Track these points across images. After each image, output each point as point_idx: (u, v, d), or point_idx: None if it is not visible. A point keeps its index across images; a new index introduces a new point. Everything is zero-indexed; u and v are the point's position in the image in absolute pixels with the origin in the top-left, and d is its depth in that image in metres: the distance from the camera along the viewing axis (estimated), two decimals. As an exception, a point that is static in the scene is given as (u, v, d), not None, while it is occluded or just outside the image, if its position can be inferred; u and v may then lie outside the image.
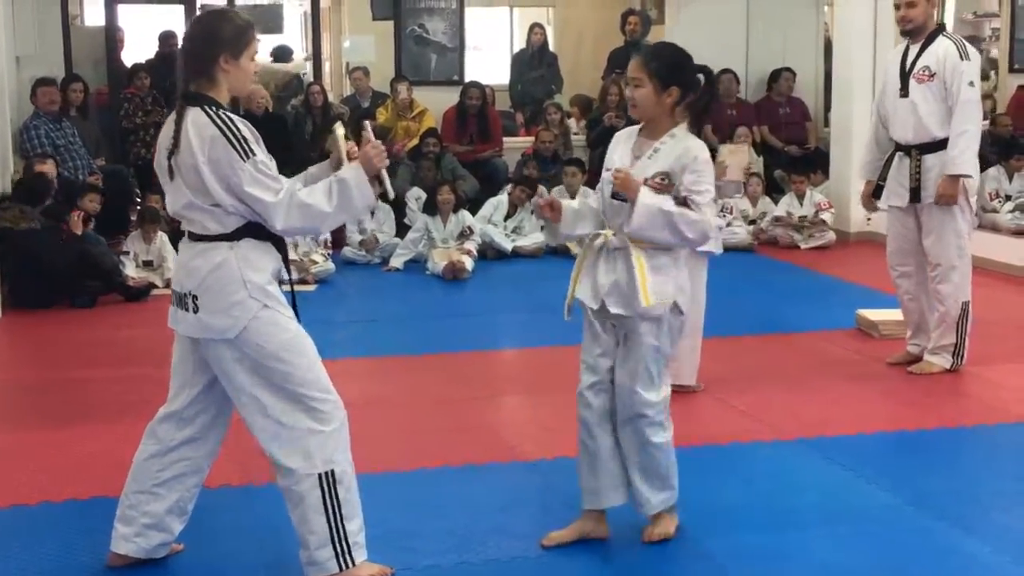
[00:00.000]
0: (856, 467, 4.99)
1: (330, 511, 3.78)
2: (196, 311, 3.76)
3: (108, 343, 7.33)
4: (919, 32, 6.29)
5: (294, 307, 3.93)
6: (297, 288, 4.13)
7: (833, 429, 5.48)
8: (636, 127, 4.24)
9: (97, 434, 5.53)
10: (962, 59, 6.17)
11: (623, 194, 4.04)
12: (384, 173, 3.87)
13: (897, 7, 6.34)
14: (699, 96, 4.19)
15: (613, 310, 4.11)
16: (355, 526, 3.84)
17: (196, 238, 3.79)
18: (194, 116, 3.69)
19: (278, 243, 3.86)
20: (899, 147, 6.39)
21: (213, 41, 3.76)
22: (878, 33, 10.51)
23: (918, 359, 6.49)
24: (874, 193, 6.59)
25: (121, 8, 12.30)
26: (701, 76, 4.21)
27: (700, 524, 4.35)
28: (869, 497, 4.69)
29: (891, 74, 6.44)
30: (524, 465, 5.08)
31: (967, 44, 6.30)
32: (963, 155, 6.14)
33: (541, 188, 9.86)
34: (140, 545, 3.99)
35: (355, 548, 3.83)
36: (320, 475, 3.77)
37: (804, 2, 12.67)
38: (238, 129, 3.66)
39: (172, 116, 3.78)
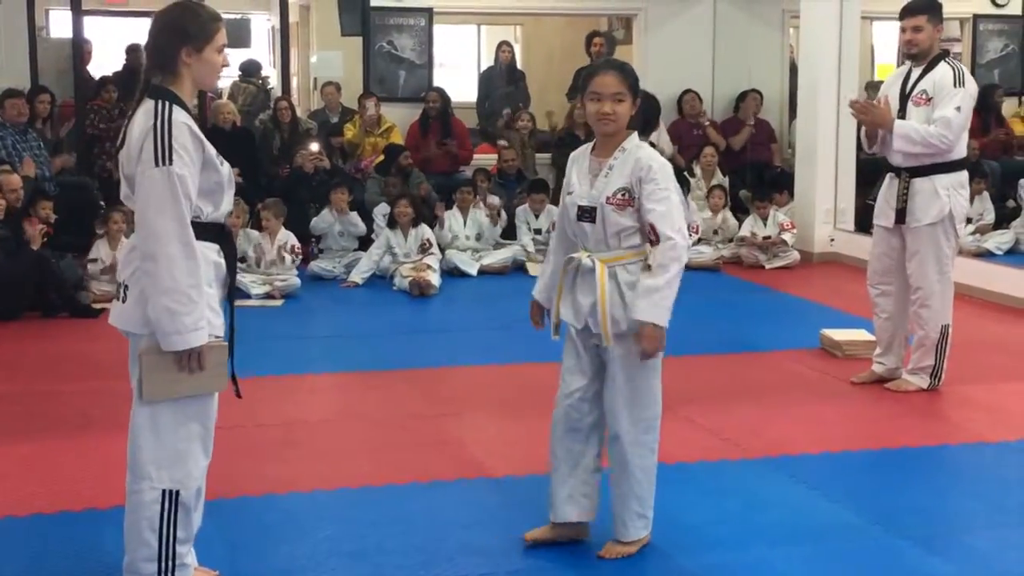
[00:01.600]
0: (821, 486, 5.01)
1: (164, 528, 3.71)
2: (124, 300, 3.70)
3: (73, 355, 7.27)
4: (923, 56, 6.33)
5: (232, 318, 3.84)
6: (264, 303, 4.17)
7: (798, 448, 5.50)
8: (588, 146, 4.26)
9: (61, 447, 5.49)
10: (955, 85, 6.19)
11: (589, 216, 4.10)
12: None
13: (903, 30, 6.39)
14: (643, 103, 4.23)
15: (596, 329, 4.13)
16: (185, 548, 3.79)
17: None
18: (145, 107, 3.63)
19: (225, 245, 3.78)
20: (890, 168, 6.42)
21: (175, 33, 3.70)
22: (843, 55, 10.60)
23: (883, 378, 6.55)
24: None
25: (87, 20, 12.23)
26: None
27: (669, 541, 4.35)
28: (834, 516, 4.70)
29: (891, 95, 6.44)
30: (492, 481, 5.08)
31: (966, 73, 6.29)
32: (912, 136, 6.16)
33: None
34: None
35: (179, 569, 3.77)
36: (165, 491, 3.70)
37: (769, 24, 12.76)
38: (170, 129, 3.55)
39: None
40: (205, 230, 3.67)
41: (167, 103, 3.61)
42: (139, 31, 14.47)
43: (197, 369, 3.60)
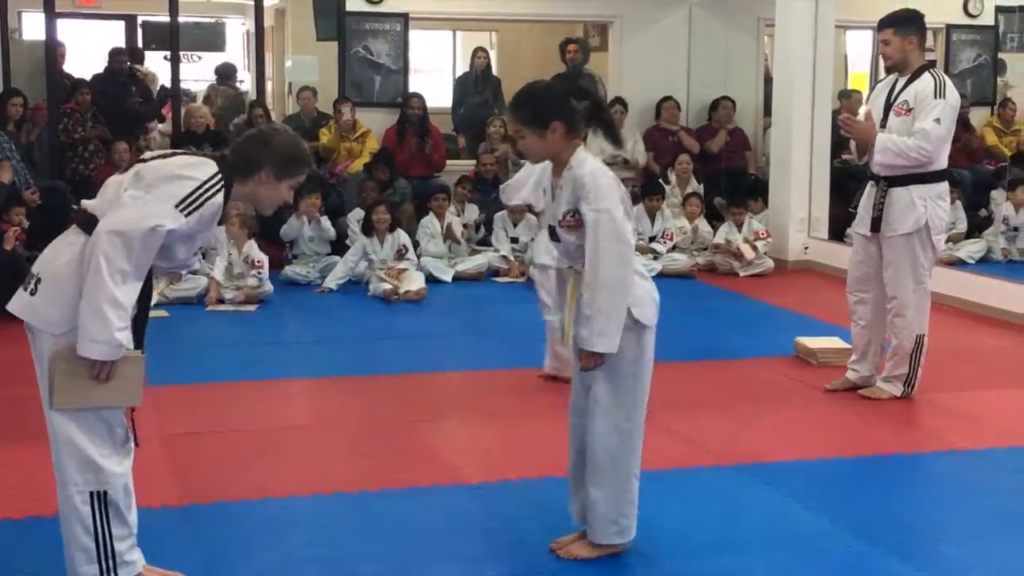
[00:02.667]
0: (796, 493, 5.02)
1: (98, 528, 3.72)
2: (33, 294, 3.69)
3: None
4: (902, 68, 6.37)
5: (143, 332, 3.81)
6: (238, 308, 4.16)
7: (773, 455, 5.52)
8: (549, 164, 4.25)
9: (38, 451, 5.44)
10: (936, 96, 6.21)
11: (554, 236, 4.15)
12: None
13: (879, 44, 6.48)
14: (590, 113, 4.20)
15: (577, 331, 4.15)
16: (124, 545, 3.78)
17: (83, 223, 3.71)
18: (204, 163, 3.73)
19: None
20: (871, 176, 6.45)
21: (266, 151, 3.81)
22: (817, 64, 10.65)
23: (856, 385, 6.58)
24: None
25: (60, 23, 12.17)
26: (578, 95, 4.21)
27: (646, 547, 4.35)
28: (808, 523, 4.71)
29: (876, 105, 6.48)
30: (466, 488, 5.07)
31: (948, 84, 6.30)
32: (892, 149, 6.20)
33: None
34: None
35: (121, 567, 3.78)
36: (92, 493, 3.70)
37: (744, 33, 12.81)
38: (208, 198, 3.65)
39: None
40: None
41: (222, 181, 3.70)
42: (112, 34, 14.47)
43: (107, 380, 3.60)
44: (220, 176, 3.70)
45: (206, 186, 3.66)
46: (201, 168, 3.70)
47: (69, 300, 3.61)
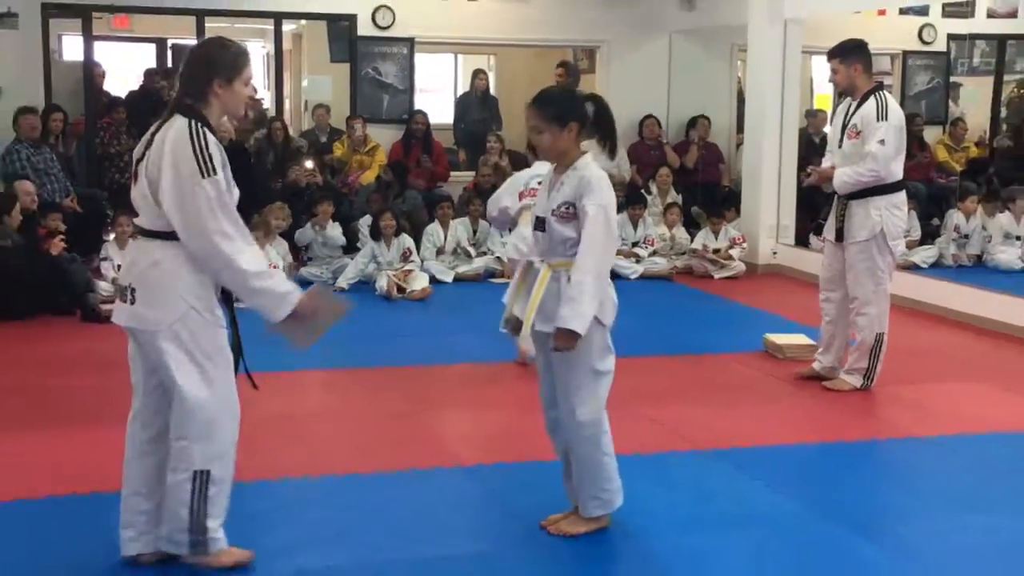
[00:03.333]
0: (764, 477, 5.02)
1: (195, 505, 3.76)
2: (132, 302, 3.71)
3: (83, 353, 7.22)
4: (852, 92, 6.45)
5: (234, 318, 3.88)
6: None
7: (744, 442, 5.51)
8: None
9: (72, 437, 5.45)
10: (879, 119, 6.26)
11: (541, 226, 4.15)
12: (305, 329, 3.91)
13: None
14: (596, 120, 4.21)
15: (538, 327, 4.14)
16: (215, 523, 3.82)
17: (143, 233, 3.75)
18: (178, 124, 3.68)
19: None
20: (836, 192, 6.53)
21: (209, 65, 3.77)
22: (785, 86, 10.66)
23: (820, 375, 6.62)
24: (815, 230, 6.76)
25: (97, 44, 12.15)
26: (590, 104, 4.22)
27: (626, 526, 4.36)
28: (775, 504, 4.71)
29: (836, 127, 6.60)
30: (465, 470, 5.07)
31: (890, 105, 6.34)
32: (848, 180, 6.30)
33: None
34: (147, 541, 3.91)
35: (211, 542, 3.82)
36: (196, 472, 3.75)
37: (719, 57, 12.82)
38: (206, 146, 3.64)
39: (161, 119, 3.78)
40: None
41: (200, 124, 3.68)
42: (145, 55, 14.45)
43: (313, 316, 3.82)
44: (191, 122, 3.67)
45: (195, 140, 3.63)
46: (179, 134, 3.64)
47: (164, 299, 3.67)
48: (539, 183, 5.74)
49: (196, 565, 3.86)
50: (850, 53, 6.43)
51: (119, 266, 8.84)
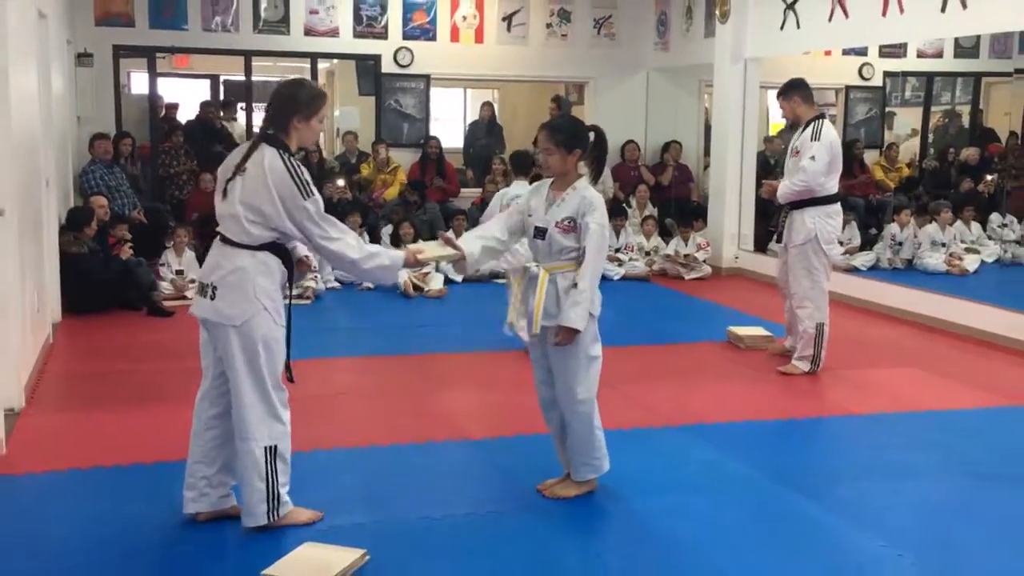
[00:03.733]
0: (726, 448, 5.03)
1: (268, 476, 3.78)
2: (213, 299, 3.71)
3: (147, 343, 7.23)
4: (796, 122, 6.63)
5: (289, 317, 3.89)
6: (296, 302, 4.16)
7: (709, 418, 5.52)
8: (548, 180, 4.25)
9: (143, 414, 5.46)
10: (811, 140, 6.37)
11: (541, 235, 4.13)
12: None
13: None
14: (594, 149, 4.21)
15: (542, 323, 4.13)
16: (284, 489, 3.85)
17: (227, 242, 3.75)
18: (270, 154, 3.70)
19: (285, 260, 3.82)
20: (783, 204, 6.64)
21: (291, 104, 3.78)
22: (745, 116, 10.65)
23: (788, 352, 6.73)
24: (778, 237, 6.86)
25: (160, 80, 12.15)
26: (592, 134, 4.22)
27: (611, 488, 4.37)
28: (736, 471, 4.72)
29: (788, 151, 6.76)
30: (471, 442, 5.07)
31: (824, 130, 6.39)
32: (785, 191, 6.46)
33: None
34: (207, 502, 3.92)
35: (282, 505, 3.84)
36: (266, 447, 3.76)
37: (689, 91, 12.81)
38: (300, 173, 3.70)
39: (246, 145, 3.78)
40: (279, 246, 3.77)
41: (289, 154, 3.73)
42: (201, 89, 14.43)
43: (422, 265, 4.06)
44: (281, 152, 3.71)
45: (291, 170, 3.69)
46: (274, 160, 3.68)
47: (242, 299, 3.69)
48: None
49: (269, 527, 3.85)
50: (789, 90, 6.57)
51: (177, 270, 8.87)
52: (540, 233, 4.17)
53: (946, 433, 5.37)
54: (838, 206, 6.54)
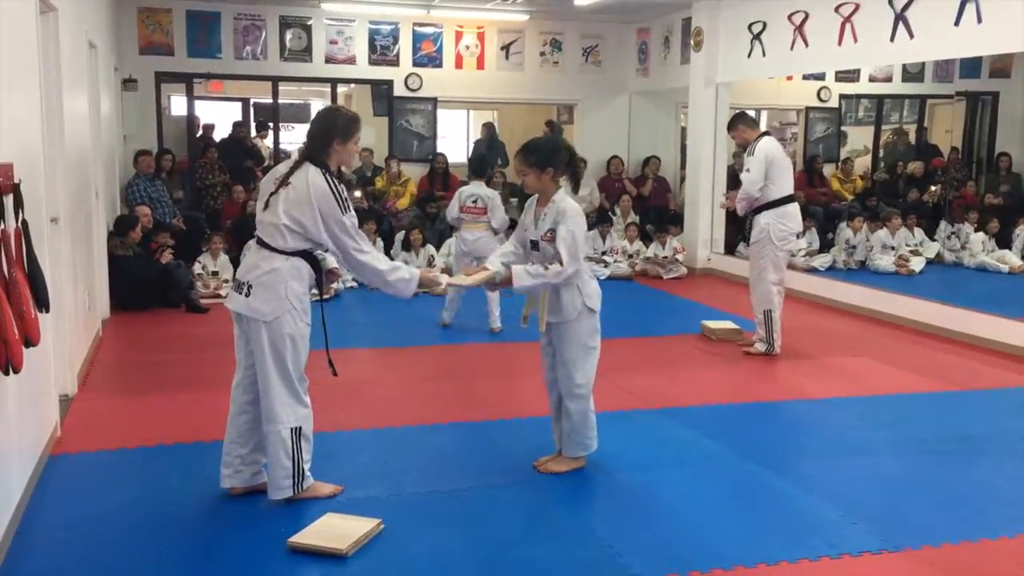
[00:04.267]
0: (701, 428, 5.03)
1: (294, 454, 3.78)
2: (248, 295, 3.71)
3: (186, 336, 7.22)
4: (745, 144, 6.73)
5: (323, 320, 3.90)
6: (320, 300, 4.17)
7: (686, 402, 5.53)
8: (536, 197, 4.24)
9: (182, 398, 5.46)
10: (747, 155, 6.60)
11: (535, 246, 4.14)
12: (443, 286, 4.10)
13: None
14: (568, 165, 4.17)
15: (549, 318, 4.15)
16: (308, 466, 3.86)
17: (264, 246, 3.75)
18: (313, 173, 3.70)
19: (315, 265, 3.82)
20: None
21: (331, 128, 3.78)
22: (717, 134, 10.64)
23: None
24: (746, 241, 7.03)
25: (198, 103, 12.14)
26: (566, 153, 4.17)
27: (599, 464, 4.38)
28: (709, 449, 4.72)
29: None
30: (477, 424, 5.08)
31: (758, 146, 6.55)
32: (737, 203, 6.68)
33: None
34: (240, 478, 3.92)
35: (305, 479, 3.85)
36: (292, 428, 3.77)
37: (667, 111, 12.80)
38: (340, 191, 3.71)
39: (290, 162, 3.79)
40: (310, 253, 3.77)
41: (330, 174, 3.73)
42: (233, 111, 14.40)
43: (437, 285, 3.99)
44: (323, 171, 3.71)
45: (332, 188, 3.68)
46: (318, 178, 3.68)
47: (274, 298, 3.68)
48: (473, 201, 7.19)
49: (293, 499, 3.86)
50: (734, 122, 6.85)
51: (212, 271, 8.87)
52: (534, 245, 4.19)
53: (896, 414, 5.38)
54: (791, 207, 6.62)
